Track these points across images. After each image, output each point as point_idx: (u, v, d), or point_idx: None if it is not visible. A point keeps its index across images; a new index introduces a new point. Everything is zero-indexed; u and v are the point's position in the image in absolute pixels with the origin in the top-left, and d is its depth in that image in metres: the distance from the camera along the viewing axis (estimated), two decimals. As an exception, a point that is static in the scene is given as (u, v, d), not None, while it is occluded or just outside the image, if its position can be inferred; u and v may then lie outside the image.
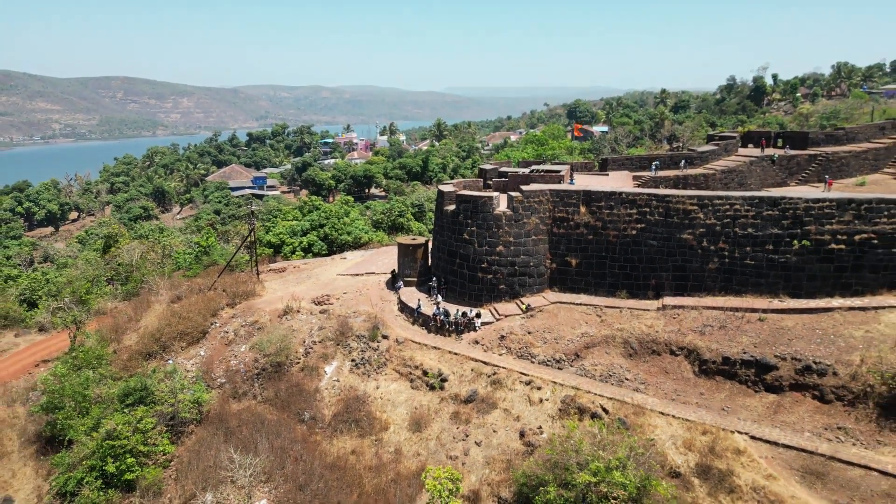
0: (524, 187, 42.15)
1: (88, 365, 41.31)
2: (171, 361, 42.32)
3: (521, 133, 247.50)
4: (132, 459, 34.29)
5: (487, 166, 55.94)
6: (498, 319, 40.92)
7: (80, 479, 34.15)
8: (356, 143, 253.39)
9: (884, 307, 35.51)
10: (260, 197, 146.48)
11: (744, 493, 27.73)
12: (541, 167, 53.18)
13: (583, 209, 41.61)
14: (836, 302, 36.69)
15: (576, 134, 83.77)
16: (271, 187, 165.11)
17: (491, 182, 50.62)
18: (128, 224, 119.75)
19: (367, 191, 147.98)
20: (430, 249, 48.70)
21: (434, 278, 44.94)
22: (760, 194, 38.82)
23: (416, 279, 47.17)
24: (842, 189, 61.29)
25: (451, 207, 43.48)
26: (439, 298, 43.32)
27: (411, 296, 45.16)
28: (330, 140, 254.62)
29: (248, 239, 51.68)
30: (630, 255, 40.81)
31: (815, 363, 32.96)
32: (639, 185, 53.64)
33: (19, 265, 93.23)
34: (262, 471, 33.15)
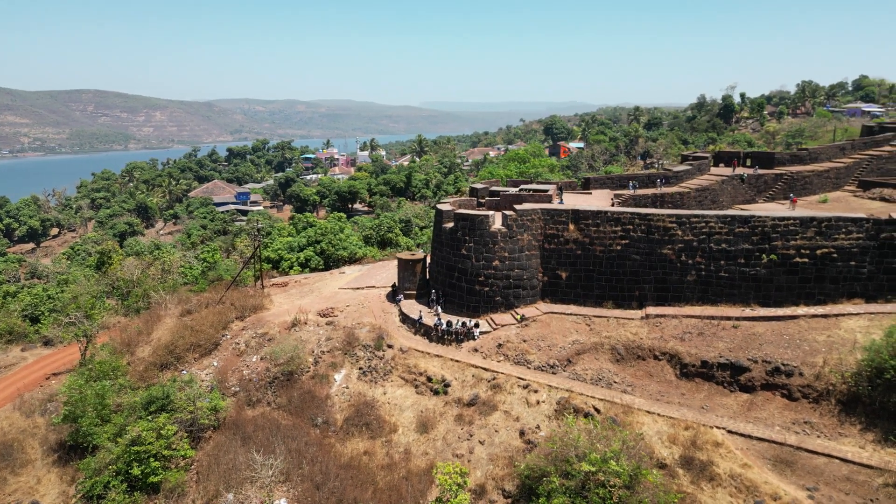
0: (517, 206, 45.56)
1: (105, 376, 43.44)
2: (185, 372, 44.69)
3: (499, 149, 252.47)
4: (157, 463, 36.58)
5: (478, 185, 59.38)
6: (495, 329, 44.12)
7: (106, 483, 36.34)
8: (338, 159, 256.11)
9: (843, 314, 39.49)
10: (244, 213, 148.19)
11: (723, 480, 31.10)
12: (529, 186, 56.75)
13: (571, 226, 45.14)
14: (801, 310, 40.57)
15: (562, 154, 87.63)
16: (255, 203, 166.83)
17: (483, 200, 54.01)
18: (113, 240, 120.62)
19: (350, 206, 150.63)
20: (427, 264, 51.79)
21: (433, 291, 48.01)
22: (732, 213, 42.71)
23: (415, 292, 50.19)
24: (806, 206, 65.97)
25: (450, 225, 46.68)
26: (439, 310, 46.39)
27: (412, 308, 48.18)
28: (311, 156, 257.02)
29: (255, 255, 54.23)
30: (615, 268, 44.37)
31: (783, 365, 36.70)
32: (620, 203, 57.48)
33: (8, 281, 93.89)
34: (279, 471, 35.73)
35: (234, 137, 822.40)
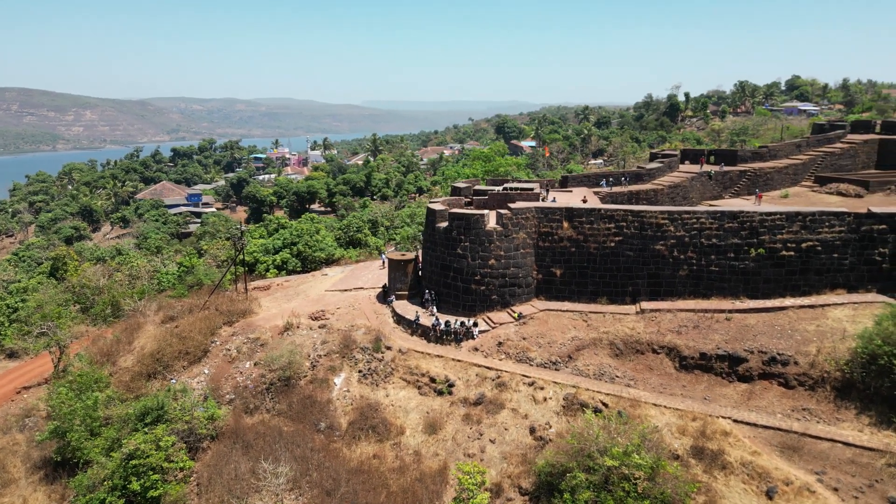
0: (512, 205, 45.77)
1: (88, 388, 41.47)
2: (174, 380, 43.07)
3: (452, 148, 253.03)
4: (157, 476, 35.15)
5: (461, 184, 59.37)
6: (493, 327, 44.22)
7: (102, 499, 34.76)
8: (289, 159, 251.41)
9: (829, 304, 41.38)
10: (198, 215, 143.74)
11: (735, 468, 32.05)
12: (515, 185, 57.06)
13: (565, 224, 45.67)
14: (789, 301, 42.28)
15: (545, 154, 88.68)
16: (206, 204, 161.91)
17: (469, 199, 54.02)
18: (64, 245, 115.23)
19: (308, 206, 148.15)
20: (418, 264, 51.47)
21: (427, 291, 47.73)
22: (722, 209, 44.08)
23: (407, 292, 49.80)
24: (769, 201, 68.62)
25: (444, 224, 46.52)
26: (434, 310, 46.19)
27: (406, 308, 47.80)
28: (262, 155, 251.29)
29: (237, 258, 52.70)
30: (609, 264, 45.16)
31: (778, 355, 38.13)
32: (600, 200, 58.41)
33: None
34: (287, 479, 34.87)
35: (171, 137, 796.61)
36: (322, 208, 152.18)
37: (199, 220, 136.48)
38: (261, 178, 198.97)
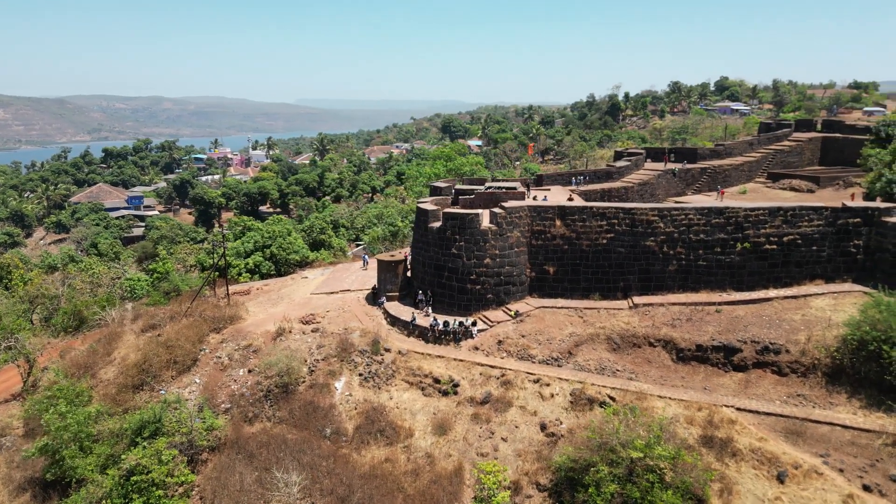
0: (506, 204, 46.01)
1: (69, 402, 39.24)
2: (164, 391, 41.28)
3: (399, 147, 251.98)
4: (160, 492, 33.68)
5: (441, 184, 59.27)
6: (491, 326, 44.36)
7: (101, 519, 33.03)
8: (231, 159, 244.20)
9: (810, 295, 43.53)
10: (142, 218, 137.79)
11: (745, 454, 33.27)
12: (499, 184, 57.43)
13: (558, 222, 46.30)
14: (773, 293, 44.23)
15: (529, 152, 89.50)
16: (149, 207, 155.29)
17: (455, 199, 53.95)
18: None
19: (257, 208, 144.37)
20: (409, 264, 51.06)
21: (420, 291, 47.41)
22: (709, 205, 45.70)
23: (397, 294, 49.32)
24: (729, 197, 71.69)
25: (437, 224, 46.31)
26: (430, 310, 45.94)
27: (399, 309, 47.34)
28: (203, 156, 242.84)
29: (218, 263, 50.84)
30: (601, 261, 46.07)
31: (770, 344, 39.82)
32: (579, 196, 59.53)
33: None
34: (299, 488, 34.01)
35: (92, 137, 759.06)
36: (272, 209, 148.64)
37: (143, 224, 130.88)
38: (204, 179, 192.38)
